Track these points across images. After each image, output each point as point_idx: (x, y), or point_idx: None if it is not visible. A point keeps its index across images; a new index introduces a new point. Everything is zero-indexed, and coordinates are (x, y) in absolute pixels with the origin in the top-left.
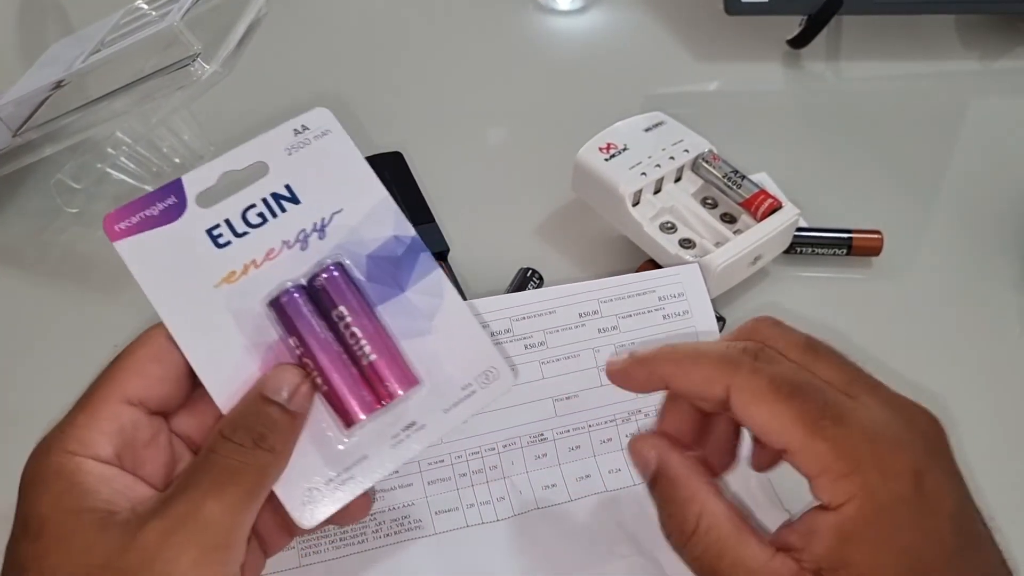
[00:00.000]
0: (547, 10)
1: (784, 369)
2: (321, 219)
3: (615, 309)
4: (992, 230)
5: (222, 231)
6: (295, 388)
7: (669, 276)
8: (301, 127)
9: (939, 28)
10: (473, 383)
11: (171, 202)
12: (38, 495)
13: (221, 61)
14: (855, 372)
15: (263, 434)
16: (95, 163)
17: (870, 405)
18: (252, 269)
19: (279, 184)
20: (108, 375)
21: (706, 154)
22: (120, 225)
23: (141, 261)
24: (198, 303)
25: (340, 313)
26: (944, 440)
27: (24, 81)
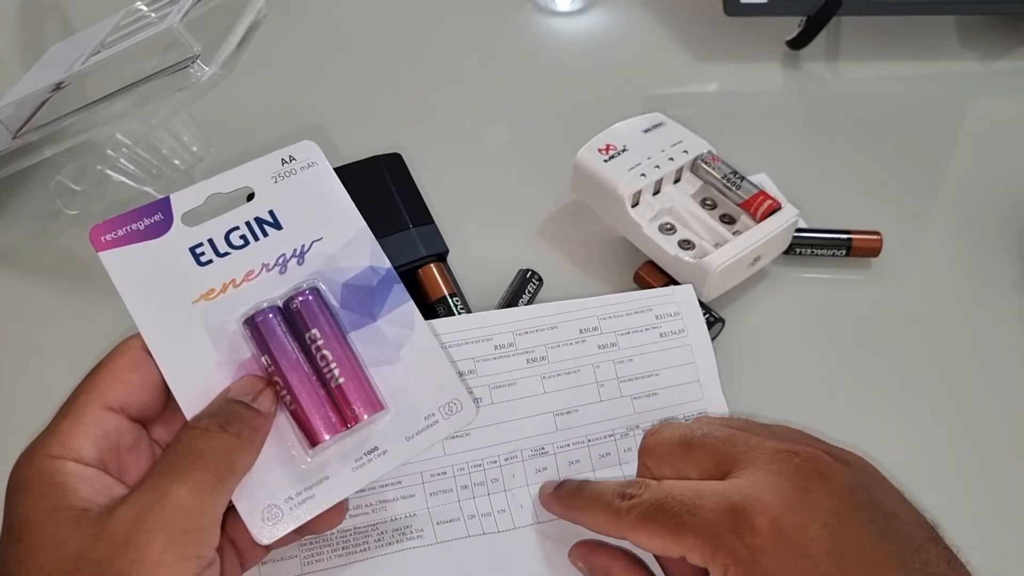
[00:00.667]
0: (546, 11)
1: (646, 497)
2: (301, 245)
3: (614, 326)
4: (992, 231)
5: (204, 250)
6: (259, 391)
7: (664, 296)
8: (289, 157)
9: (938, 29)
10: (436, 413)
11: (158, 218)
12: (21, 499)
13: (221, 63)
14: (725, 449)
15: (229, 420)
16: (95, 165)
17: (738, 476)
18: (231, 288)
19: (263, 209)
20: (89, 383)
21: (705, 155)
22: (106, 236)
23: (123, 272)
24: (175, 317)
25: (312, 336)
26: (823, 474)
27: (24, 83)
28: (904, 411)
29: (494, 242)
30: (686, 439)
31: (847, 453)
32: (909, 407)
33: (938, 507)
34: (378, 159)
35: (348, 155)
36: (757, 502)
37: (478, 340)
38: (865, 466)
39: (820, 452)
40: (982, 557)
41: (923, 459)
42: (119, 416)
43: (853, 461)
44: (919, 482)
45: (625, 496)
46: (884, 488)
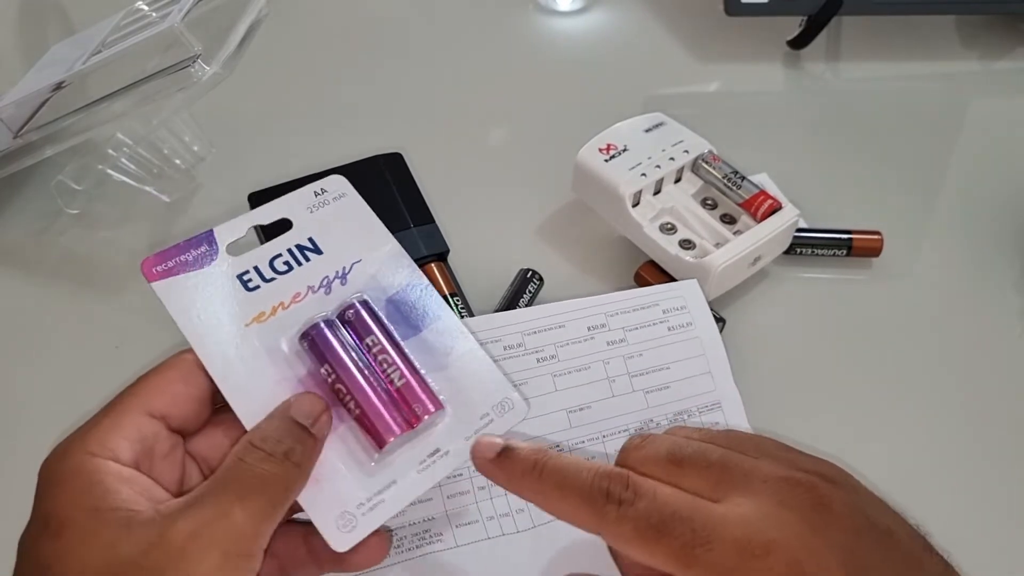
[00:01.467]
0: (547, 11)
1: (644, 508)
2: (343, 267)
3: (622, 322)
4: (992, 230)
5: (251, 276)
6: (318, 415)
7: (671, 291)
8: (320, 190)
9: (939, 29)
10: (490, 412)
11: (204, 250)
12: (57, 493)
13: (222, 62)
14: (720, 470)
15: (292, 448)
16: (96, 164)
17: (740, 504)
18: (280, 310)
19: (303, 237)
20: (134, 389)
21: (706, 155)
22: (157, 268)
23: (176, 300)
24: (230, 340)
25: (370, 342)
26: (826, 504)
27: (25, 82)
28: (905, 411)
29: (495, 242)
30: (675, 457)
31: (828, 467)
32: (910, 407)
33: (938, 507)
34: (379, 158)
35: (349, 154)
36: (772, 543)
37: (487, 342)
38: (848, 480)
39: (815, 478)
40: (983, 557)
41: (924, 459)
42: (159, 423)
43: (839, 478)
44: (920, 482)
45: (611, 497)
46: (873, 503)
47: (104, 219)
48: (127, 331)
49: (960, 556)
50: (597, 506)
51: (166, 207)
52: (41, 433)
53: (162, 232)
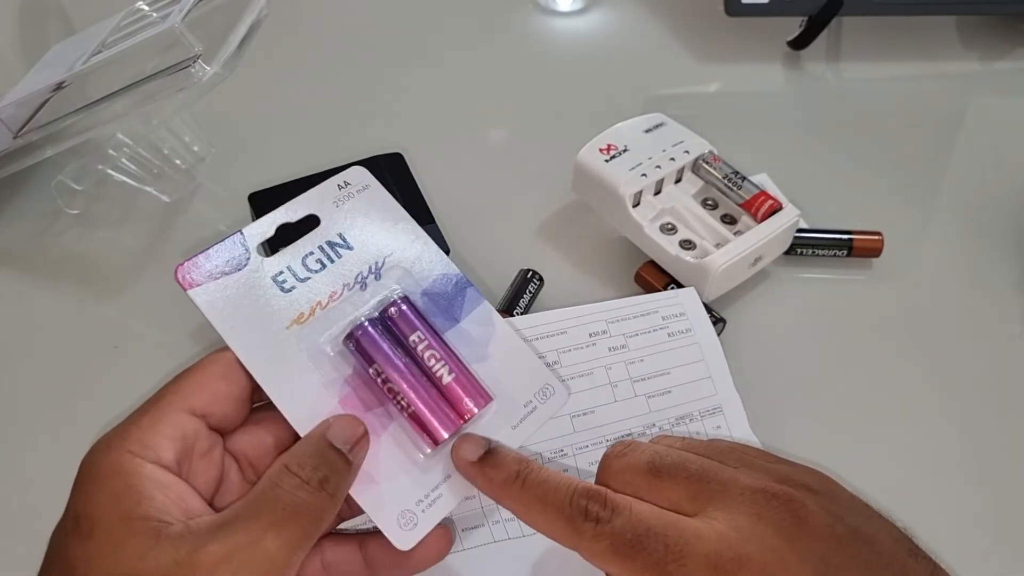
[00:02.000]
0: (547, 11)
1: (620, 525)
2: (375, 262)
3: (622, 329)
4: (993, 231)
5: (286, 277)
6: (356, 440)
7: (669, 298)
8: (344, 183)
9: (939, 29)
10: (533, 399)
11: (235, 252)
12: (93, 492)
13: (222, 62)
14: (698, 482)
15: (327, 476)
16: (96, 164)
17: (716, 517)
18: (319, 310)
19: (333, 232)
20: (174, 386)
21: (706, 155)
22: (190, 275)
23: (214, 308)
24: (273, 344)
25: (415, 340)
26: (802, 516)
27: (25, 82)
28: (905, 411)
29: (495, 242)
30: (655, 467)
31: (811, 475)
32: (910, 407)
33: (938, 508)
34: (379, 159)
35: (349, 155)
36: (746, 557)
37: None
38: (831, 487)
39: (793, 490)
40: (983, 557)
41: (924, 460)
42: (199, 421)
43: (819, 486)
44: (919, 483)
45: (589, 515)
46: (855, 510)
47: (104, 219)
48: (126, 331)
49: (960, 557)
50: (575, 524)
51: (166, 207)
52: (40, 433)
53: (162, 232)
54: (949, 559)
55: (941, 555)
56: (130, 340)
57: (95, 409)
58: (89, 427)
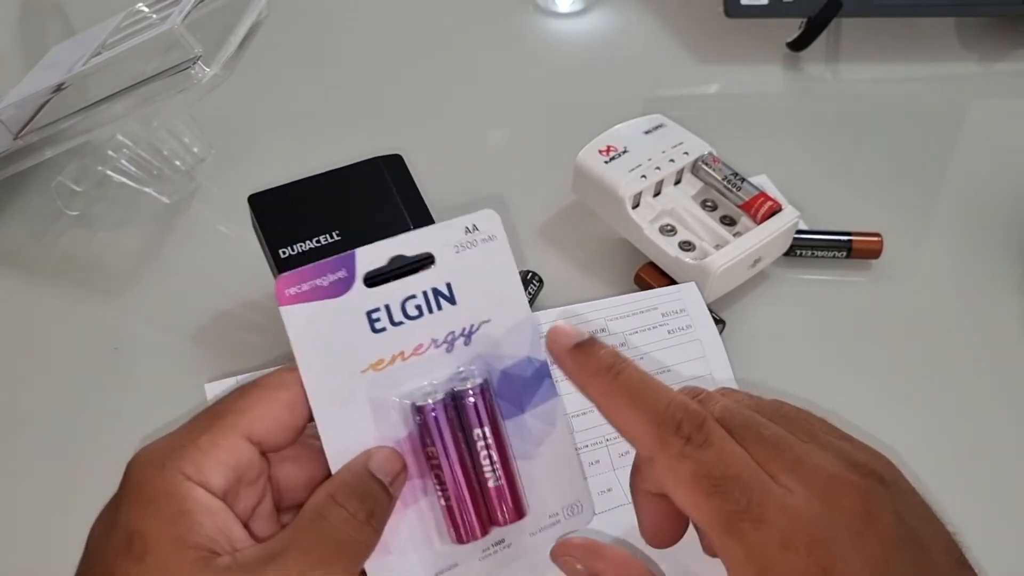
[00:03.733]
0: (547, 12)
1: (710, 458)
2: (471, 325)
3: (622, 327)
4: (992, 232)
5: (380, 316)
6: (397, 474)
7: (669, 294)
8: (472, 226)
9: (939, 30)
10: (559, 513)
11: (341, 275)
12: (147, 513)
13: (222, 64)
14: (772, 448)
15: (373, 510)
16: (96, 166)
17: (791, 490)
18: (399, 360)
19: (442, 281)
20: (238, 405)
21: (706, 156)
22: (291, 290)
23: (301, 330)
24: (343, 385)
25: (479, 434)
26: (873, 512)
27: (25, 84)
28: (904, 412)
29: None
30: (726, 423)
31: (879, 462)
32: (910, 408)
33: (938, 507)
34: (379, 160)
35: (348, 156)
36: (814, 544)
37: None
38: (897, 479)
39: (867, 480)
40: (983, 557)
41: (924, 460)
42: (255, 449)
43: (889, 476)
44: (919, 484)
45: (681, 431)
46: (916, 509)
47: (104, 220)
48: (126, 333)
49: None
50: (663, 433)
51: (166, 208)
52: (40, 434)
53: (162, 233)
54: None
55: None
56: (129, 342)
57: (95, 410)
58: (88, 428)
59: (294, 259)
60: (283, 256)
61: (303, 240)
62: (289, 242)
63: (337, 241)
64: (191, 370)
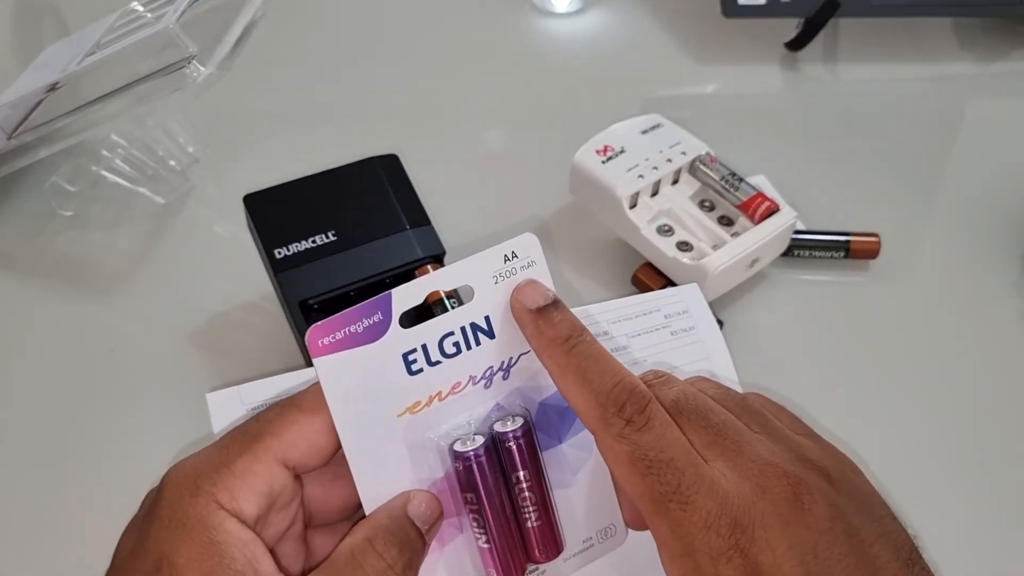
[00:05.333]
0: (544, 12)
1: (647, 440)
2: (509, 358)
3: (624, 329)
4: (990, 232)
5: (417, 357)
6: (434, 521)
7: (671, 296)
8: (512, 254)
9: (936, 31)
10: (593, 538)
11: (377, 319)
12: (178, 540)
13: (217, 63)
14: (715, 434)
15: (411, 561)
16: (90, 166)
17: (724, 474)
18: (436, 401)
19: (480, 314)
20: (276, 427)
21: (703, 156)
22: (324, 340)
23: (335, 380)
24: (379, 432)
25: (519, 477)
26: (804, 503)
27: (19, 83)
28: (903, 413)
29: (491, 244)
30: (677, 407)
31: (832, 460)
32: (907, 409)
33: (937, 509)
34: (375, 160)
35: (345, 156)
36: (738, 527)
37: None
38: (849, 477)
39: (804, 473)
40: (981, 557)
41: (921, 460)
42: (289, 474)
43: (837, 473)
44: (918, 484)
45: (623, 413)
46: (864, 508)
47: (98, 221)
48: (121, 334)
49: (959, 558)
50: (606, 413)
51: (161, 208)
52: (36, 436)
53: (157, 234)
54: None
55: (938, 555)
56: (124, 343)
57: (90, 411)
58: (83, 429)
59: (289, 259)
60: (278, 256)
61: (298, 240)
62: (284, 242)
63: (333, 241)
64: (186, 370)
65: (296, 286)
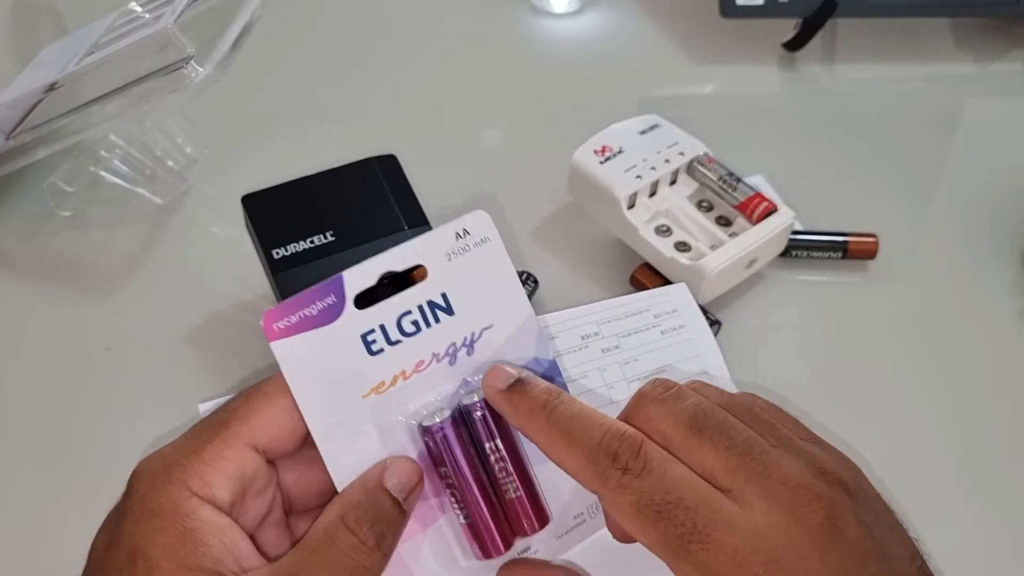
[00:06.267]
0: (542, 12)
1: (650, 485)
2: (472, 333)
3: (614, 329)
4: (988, 233)
5: (376, 337)
6: (413, 487)
7: (659, 296)
8: (463, 231)
9: (934, 31)
10: (584, 512)
11: (330, 301)
12: (151, 531)
13: (215, 64)
14: (741, 455)
15: (384, 534)
16: (88, 166)
17: (750, 502)
18: (400, 380)
19: (436, 292)
20: (241, 413)
21: (701, 157)
22: (279, 324)
23: (295, 363)
24: (345, 413)
25: (492, 447)
26: (839, 525)
27: (17, 83)
28: (901, 413)
29: None
30: (697, 425)
31: (846, 468)
32: (906, 409)
33: (937, 510)
34: (373, 160)
35: (343, 156)
36: (774, 562)
37: None
38: (863, 486)
39: (834, 492)
40: (980, 557)
41: (921, 460)
42: (260, 458)
43: (854, 484)
44: (917, 485)
45: (618, 462)
46: (881, 518)
47: (96, 221)
48: (118, 334)
49: (958, 559)
50: (601, 466)
51: (159, 209)
52: (32, 436)
53: (155, 234)
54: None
55: (937, 556)
56: (121, 343)
57: (87, 411)
58: (80, 429)
59: (288, 260)
60: (277, 257)
61: (297, 241)
62: (283, 243)
63: (331, 242)
64: (184, 371)
65: (294, 286)
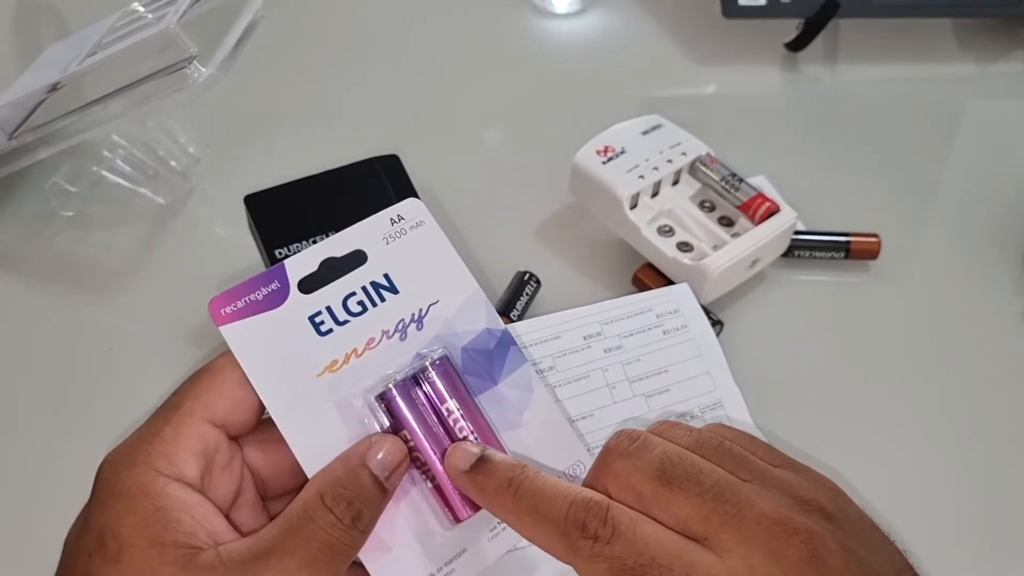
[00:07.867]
0: (544, 13)
1: (620, 550)
2: (419, 309)
3: (617, 330)
4: (990, 233)
5: (324, 319)
6: (396, 466)
7: (661, 296)
8: (397, 216)
9: (936, 32)
10: (563, 475)
11: (275, 287)
12: (120, 512)
13: (218, 64)
14: (712, 500)
15: (361, 512)
16: (91, 166)
17: (727, 548)
18: (353, 358)
19: (379, 273)
20: (193, 391)
21: (704, 157)
22: (226, 309)
23: (246, 347)
24: (302, 392)
25: (450, 408)
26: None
27: (20, 84)
28: (903, 414)
29: (492, 244)
30: (665, 475)
31: (824, 492)
32: (908, 409)
33: (936, 510)
34: (375, 160)
35: (345, 156)
36: None
37: None
38: (843, 506)
39: (812, 523)
40: (981, 557)
41: (922, 462)
42: (220, 432)
43: (833, 507)
44: (918, 486)
45: (587, 532)
46: (864, 536)
47: (99, 221)
48: (120, 334)
49: (958, 559)
50: (571, 539)
51: (161, 209)
52: (34, 436)
53: (157, 234)
54: (946, 560)
55: (937, 557)
56: (124, 342)
57: (89, 411)
58: (83, 430)
59: None
60: (279, 256)
61: (299, 240)
62: (285, 242)
63: None
64: (186, 371)
65: None
